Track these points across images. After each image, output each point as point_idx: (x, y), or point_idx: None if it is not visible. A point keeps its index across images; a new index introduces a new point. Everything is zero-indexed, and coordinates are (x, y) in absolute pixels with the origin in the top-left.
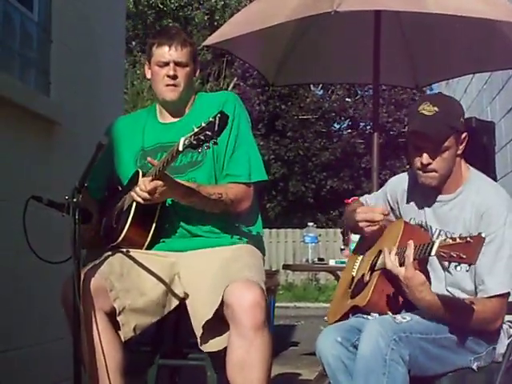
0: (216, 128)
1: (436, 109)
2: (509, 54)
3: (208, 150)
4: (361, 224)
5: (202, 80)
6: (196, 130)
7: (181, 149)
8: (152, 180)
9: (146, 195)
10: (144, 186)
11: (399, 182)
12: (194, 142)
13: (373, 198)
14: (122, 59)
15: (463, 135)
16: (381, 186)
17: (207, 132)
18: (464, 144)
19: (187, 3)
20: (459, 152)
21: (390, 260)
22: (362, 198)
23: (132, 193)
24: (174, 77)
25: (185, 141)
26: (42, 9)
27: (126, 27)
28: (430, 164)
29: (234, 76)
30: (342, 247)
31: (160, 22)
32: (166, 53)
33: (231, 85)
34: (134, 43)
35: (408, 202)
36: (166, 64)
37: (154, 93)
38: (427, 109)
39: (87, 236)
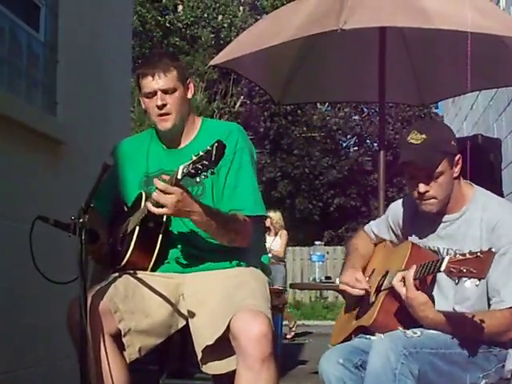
0: (213, 157)
1: (424, 136)
2: None
3: (207, 183)
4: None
5: (208, 99)
6: (194, 158)
7: (179, 177)
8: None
9: (163, 199)
10: (164, 187)
11: (401, 207)
12: (192, 171)
13: (376, 227)
14: (129, 78)
15: (456, 157)
16: (387, 203)
17: (204, 161)
18: (459, 166)
19: (194, 22)
20: (455, 175)
21: (397, 279)
22: (367, 228)
23: (147, 203)
24: (163, 106)
25: (183, 169)
26: (49, 29)
27: (132, 46)
28: (427, 192)
29: (240, 94)
30: None
31: (167, 40)
32: (151, 82)
33: (238, 103)
34: (143, 59)
35: (412, 226)
36: (154, 94)
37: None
38: (415, 137)
39: (98, 254)
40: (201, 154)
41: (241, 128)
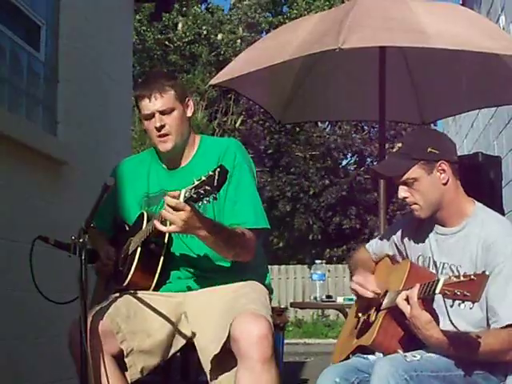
0: (215, 183)
1: (399, 145)
2: None
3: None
4: (352, 292)
5: (209, 117)
6: (196, 183)
7: (181, 201)
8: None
9: (172, 216)
10: (175, 203)
11: (404, 224)
12: (194, 196)
13: (378, 243)
14: (129, 97)
15: (438, 164)
16: (388, 221)
17: (207, 187)
18: (446, 172)
19: (193, 40)
20: (443, 181)
21: (402, 297)
22: (368, 246)
23: (154, 221)
24: (162, 127)
25: (185, 193)
26: (49, 48)
27: (132, 64)
28: (406, 198)
29: (240, 113)
30: None
31: (166, 58)
32: (148, 104)
33: (238, 122)
34: (140, 81)
35: (414, 241)
36: (152, 115)
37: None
38: (396, 147)
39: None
40: (203, 178)
41: (238, 143)
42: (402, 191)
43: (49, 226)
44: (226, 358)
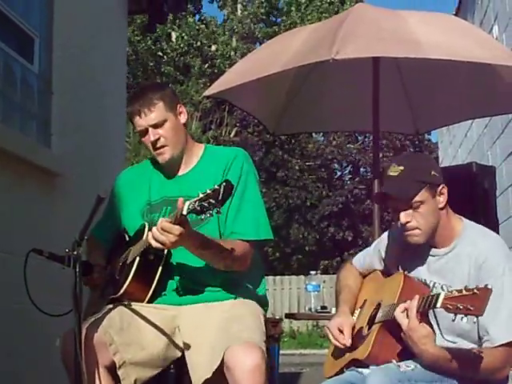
0: (220, 197)
1: (401, 168)
2: (507, 98)
3: None
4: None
5: (203, 128)
6: (201, 195)
7: (185, 213)
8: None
9: (162, 237)
10: (161, 226)
11: (391, 238)
12: (198, 208)
13: (366, 260)
14: (123, 108)
15: (439, 188)
16: (383, 231)
17: (211, 200)
18: (444, 196)
19: (187, 51)
20: (441, 205)
21: (400, 310)
22: (355, 261)
23: (149, 233)
24: (157, 141)
25: (189, 205)
26: (43, 61)
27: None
28: (408, 222)
29: (234, 125)
30: None
31: (160, 69)
32: (139, 120)
33: (233, 132)
34: (129, 96)
35: (403, 258)
36: (145, 131)
37: None
38: (393, 170)
39: (93, 284)
40: (208, 192)
41: (246, 153)
42: (405, 216)
43: (44, 237)
44: (217, 380)
